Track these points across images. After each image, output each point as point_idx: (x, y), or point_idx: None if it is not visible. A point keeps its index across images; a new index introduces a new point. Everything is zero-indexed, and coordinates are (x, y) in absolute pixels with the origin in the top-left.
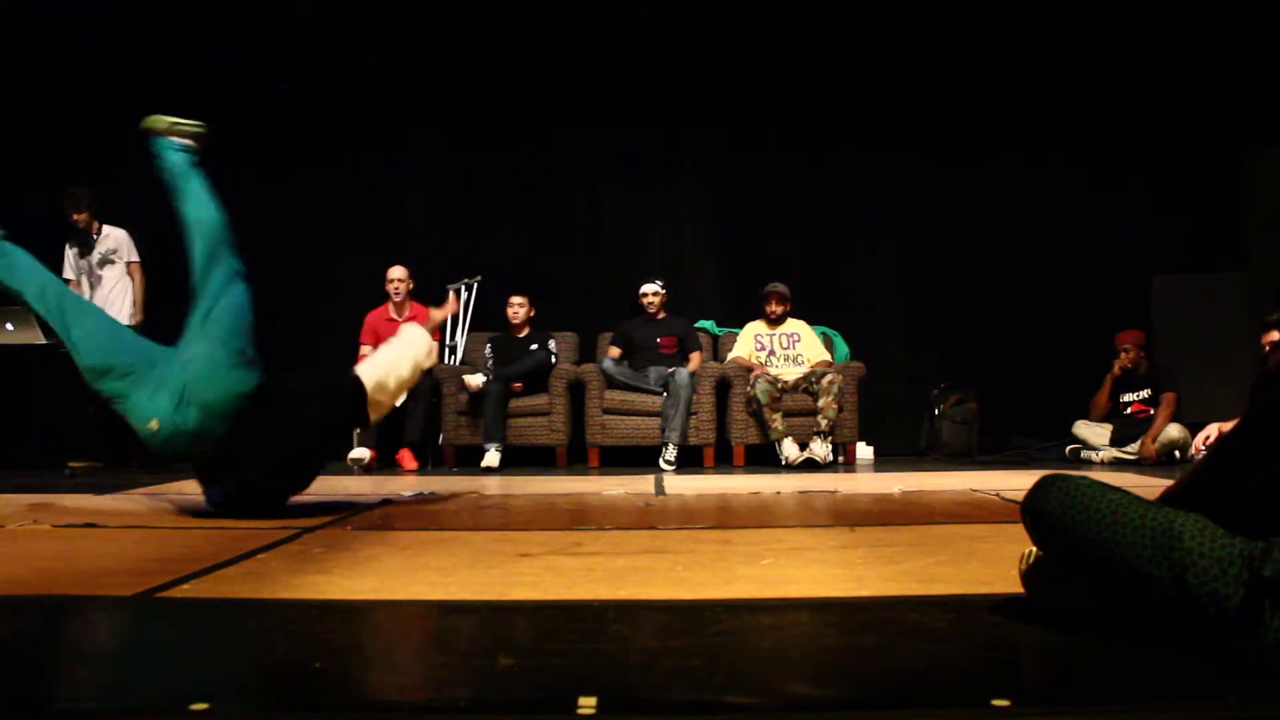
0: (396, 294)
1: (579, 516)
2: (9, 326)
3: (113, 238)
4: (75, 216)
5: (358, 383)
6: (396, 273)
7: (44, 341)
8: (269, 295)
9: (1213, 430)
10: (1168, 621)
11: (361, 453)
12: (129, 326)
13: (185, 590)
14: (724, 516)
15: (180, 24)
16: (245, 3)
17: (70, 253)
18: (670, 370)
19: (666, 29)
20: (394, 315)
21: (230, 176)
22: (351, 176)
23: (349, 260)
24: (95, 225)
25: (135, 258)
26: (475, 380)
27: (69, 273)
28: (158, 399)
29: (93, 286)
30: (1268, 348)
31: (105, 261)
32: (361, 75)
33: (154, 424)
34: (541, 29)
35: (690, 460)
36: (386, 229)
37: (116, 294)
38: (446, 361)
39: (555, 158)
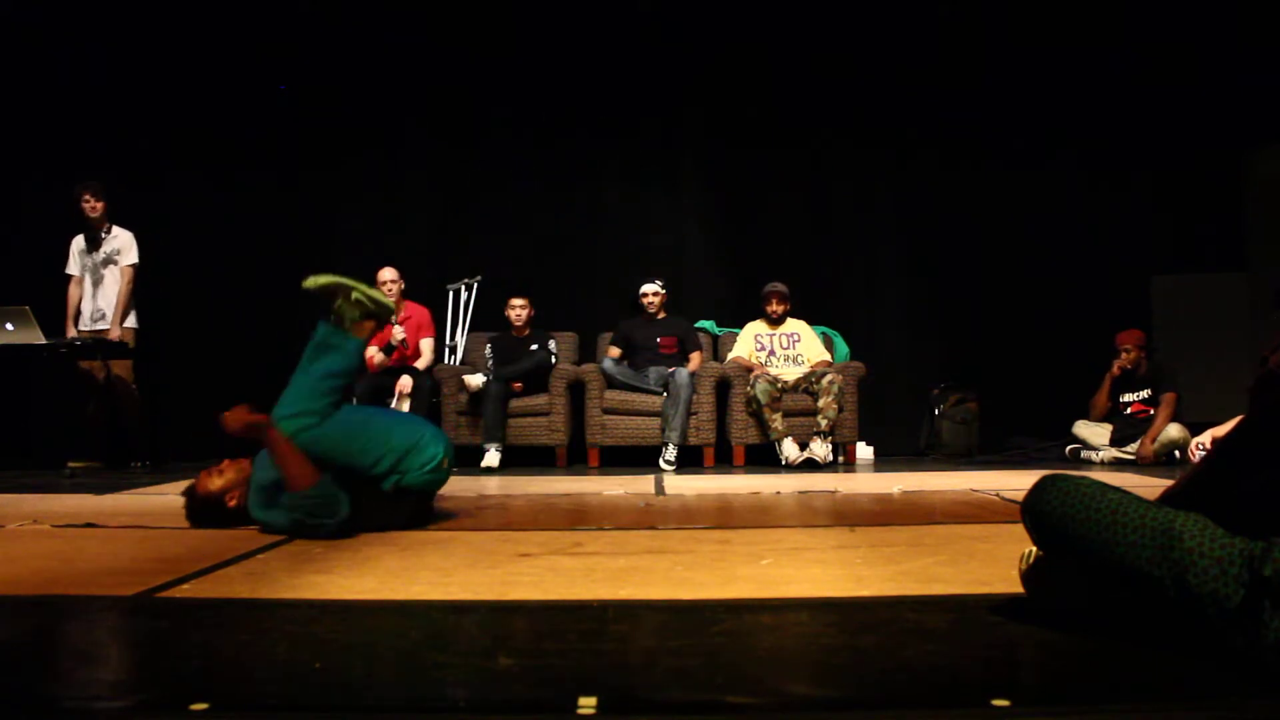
0: (389, 295)
1: (579, 516)
2: (9, 326)
3: (120, 239)
4: (95, 204)
5: None
6: (387, 274)
7: (44, 341)
8: (269, 294)
9: (1206, 438)
10: (1168, 621)
11: None
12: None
13: (185, 590)
14: (724, 516)
15: (181, 24)
16: (245, 2)
17: (76, 247)
18: (670, 370)
19: (667, 29)
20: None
21: (231, 176)
22: (351, 176)
23: (349, 260)
24: (106, 224)
25: (132, 260)
26: (475, 380)
27: (73, 268)
28: None
29: (95, 285)
30: None
31: (109, 261)
32: (361, 75)
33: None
34: (541, 29)
35: (690, 460)
36: (386, 229)
37: (114, 296)
38: (446, 361)
39: (555, 158)
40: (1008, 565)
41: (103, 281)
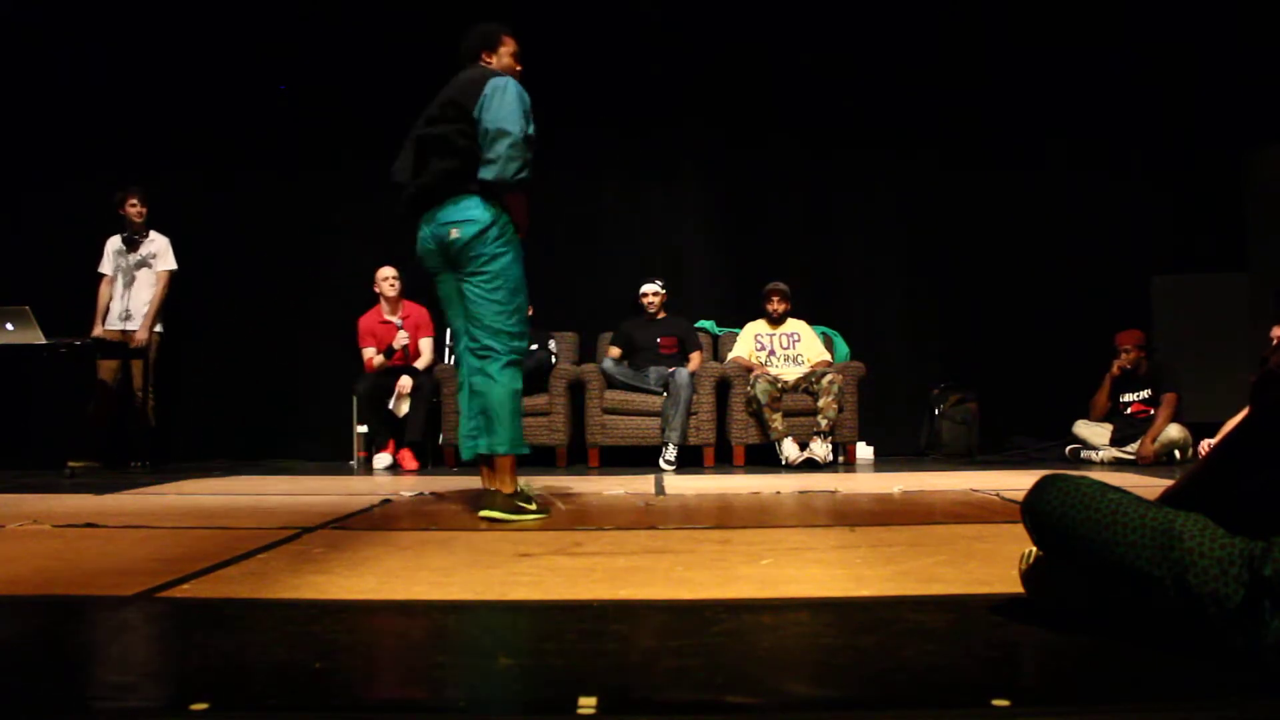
0: (392, 290)
1: (579, 516)
2: (9, 326)
3: (157, 243)
4: (142, 209)
5: None
6: (386, 272)
7: (44, 341)
8: (269, 295)
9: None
10: (1168, 621)
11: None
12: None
13: (185, 590)
14: (724, 516)
15: (181, 24)
16: (245, 2)
17: (112, 247)
18: (670, 370)
19: (667, 29)
20: (388, 316)
21: (230, 176)
22: (352, 176)
23: (349, 260)
24: (146, 228)
25: (170, 266)
26: None
27: (106, 267)
28: None
29: (126, 286)
30: (1276, 341)
31: (143, 264)
32: (361, 75)
33: None
34: (541, 29)
35: (690, 460)
36: (386, 229)
37: (144, 298)
38: (447, 361)
39: (555, 157)
40: (1008, 565)
41: (134, 283)
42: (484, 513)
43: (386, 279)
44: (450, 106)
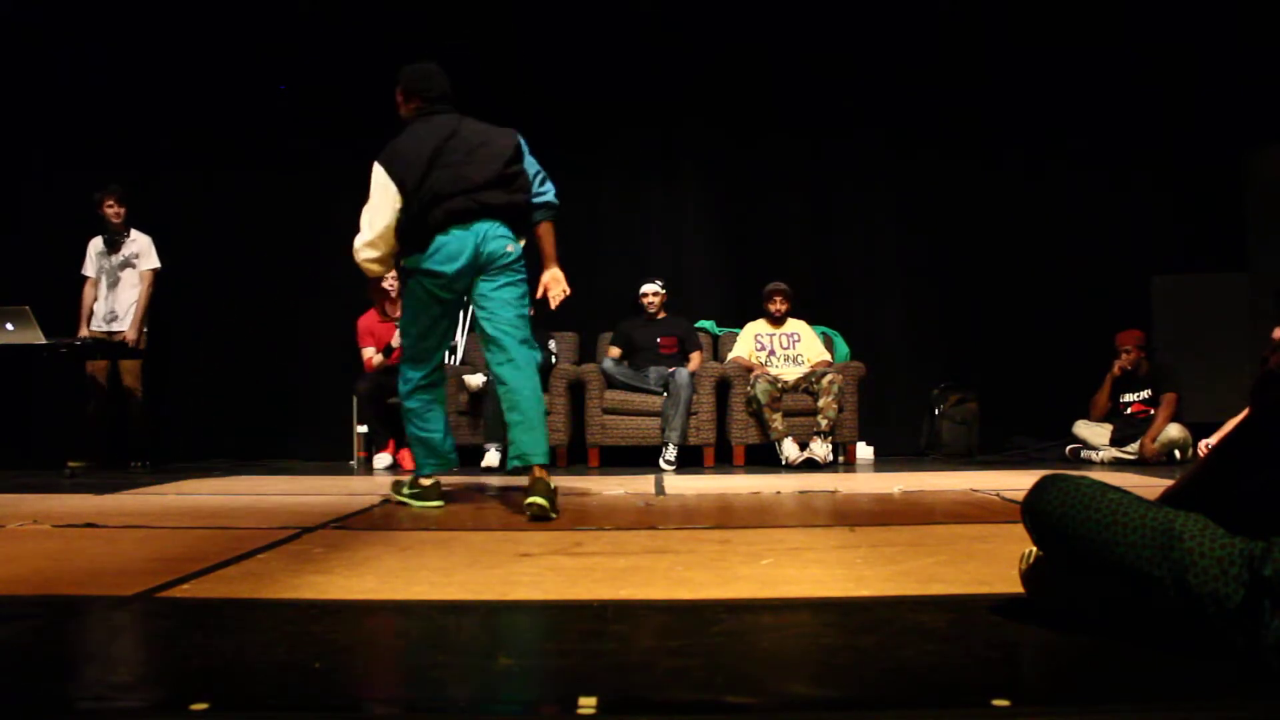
0: (392, 290)
1: (579, 516)
2: (9, 326)
3: (139, 243)
4: (119, 209)
5: None
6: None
7: (44, 341)
8: (269, 295)
9: (1215, 440)
10: (1168, 621)
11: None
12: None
13: (185, 590)
14: (724, 516)
15: (180, 24)
16: (245, 2)
17: (94, 249)
18: (670, 370)
19: (667, 28)
20: (387, 316)
21: (231, 176)
22: (352, 177)
23: (349, 260)
24: (126, 228)
25: (153, 264)
26: (475, 380)
27: (89, 269)
28: None
29: (110, 287)
30: (1276, 341)
31: (126, 265)
32: (361, 75)
33: None
34: (541, 28)
35: (690, 460)
36: None
37: (129, 298)
38: (447, 361)
39: (555, 157)
40: (1008, 565)
41: (119, 284)
42: (533, 499)
43: (386, 279)
44: (519, 153)
